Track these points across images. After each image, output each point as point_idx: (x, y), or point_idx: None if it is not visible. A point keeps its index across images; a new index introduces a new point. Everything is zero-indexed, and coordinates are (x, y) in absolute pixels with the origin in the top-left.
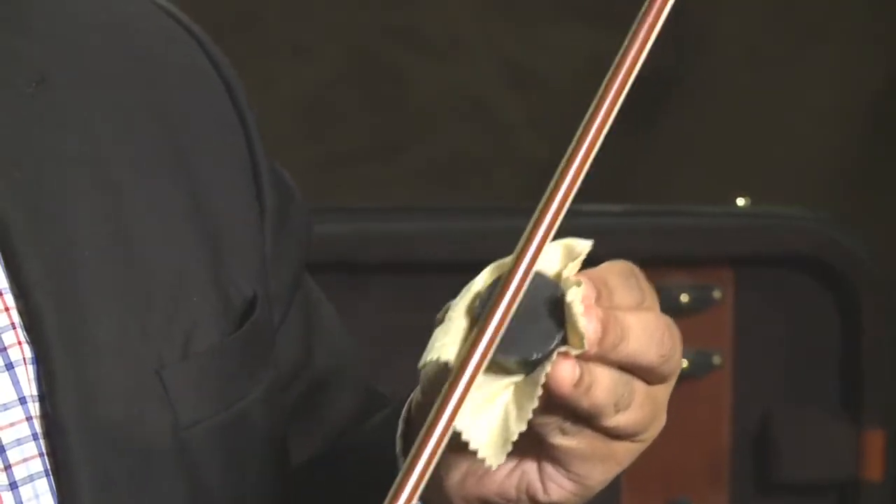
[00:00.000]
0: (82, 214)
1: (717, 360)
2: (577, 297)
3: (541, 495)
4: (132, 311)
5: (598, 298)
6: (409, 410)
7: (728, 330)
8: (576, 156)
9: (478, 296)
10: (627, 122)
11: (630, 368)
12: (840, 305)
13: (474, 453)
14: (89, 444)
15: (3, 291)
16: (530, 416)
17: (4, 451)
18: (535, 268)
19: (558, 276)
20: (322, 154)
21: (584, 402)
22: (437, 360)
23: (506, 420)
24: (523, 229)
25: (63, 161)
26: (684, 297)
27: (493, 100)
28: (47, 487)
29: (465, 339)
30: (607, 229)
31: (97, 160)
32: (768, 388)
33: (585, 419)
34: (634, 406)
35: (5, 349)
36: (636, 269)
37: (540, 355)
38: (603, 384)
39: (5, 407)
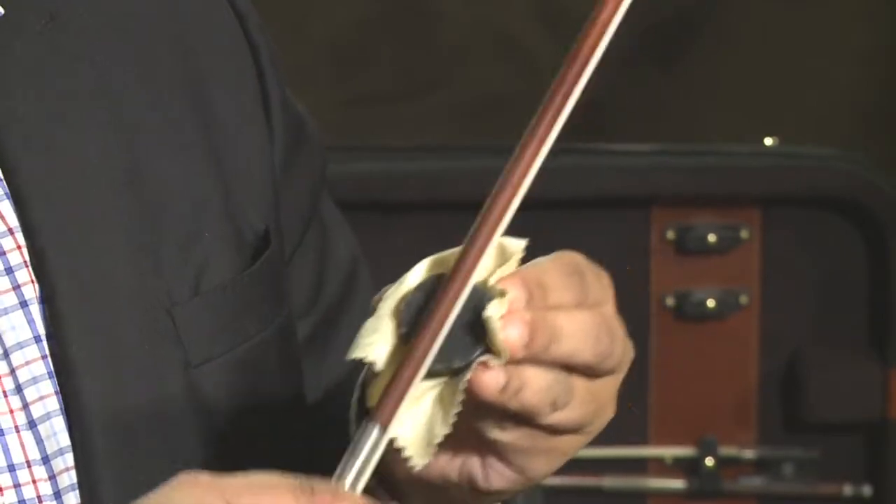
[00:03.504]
0: (94, 150)
1: (744, 299)
2: (495, 313)
3: (481, 483)
4: (143, 248)
5: (530, 300)
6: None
7: (755, 270)
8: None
9: (405, 298)
10: (657, 61)
11: (566, 367)
12: (868, 245)
13: (400, 451)
14: (99, 382)
15: (14, 230)
16: (454, 419)
17: (22, 390)
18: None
19: (486, 281)
20: (352, 93)
21: (514, 404)
22: (365, 359)
23: (431, 422)
24: (554, 168)
25: (74, 97)
26: (711, 237)
27: (525, 38)
28: (63, 426)
29: (393, 343)
30: (636, 168)
31: (109, 95)
32: (796, 328)
33: (521, 418)
34: (574, 404)
35: (19, 286)
36: (581, 263)
37: (461, 363)
38: (533, 387)
39: (21, 345)
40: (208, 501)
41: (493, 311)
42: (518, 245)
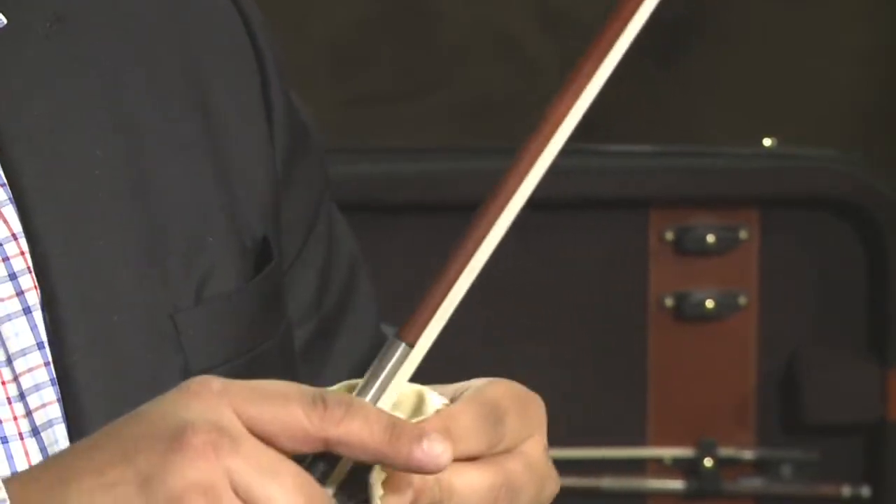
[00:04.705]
0: (99, 155)
1: (742, 300)
2: (380, 479)
3: None
4: (147, 253)
5: None
6: None
7: (754, 271)
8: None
9: None
10: (656, 61)
11: None
12: (867, 246)
13: None
14: (100, 388)
15: (17, 235)
16: None
17: (25, 397)
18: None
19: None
20: (352, 93)
21: None
22: None
23: None
24: (552, 170)
25: (80, 100)
26: (710, 238)
27: (524, 39)
28: (65, 433)
29: None
30: (634, 169)
31: (114, 98)
32: (794, 330)
33: None
34: None
35: (23, 293)
36: (502, 402)
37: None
38: None
39: (24, 352)
40: (214, 413)
41: (378, 477)
42: (435, 405)
